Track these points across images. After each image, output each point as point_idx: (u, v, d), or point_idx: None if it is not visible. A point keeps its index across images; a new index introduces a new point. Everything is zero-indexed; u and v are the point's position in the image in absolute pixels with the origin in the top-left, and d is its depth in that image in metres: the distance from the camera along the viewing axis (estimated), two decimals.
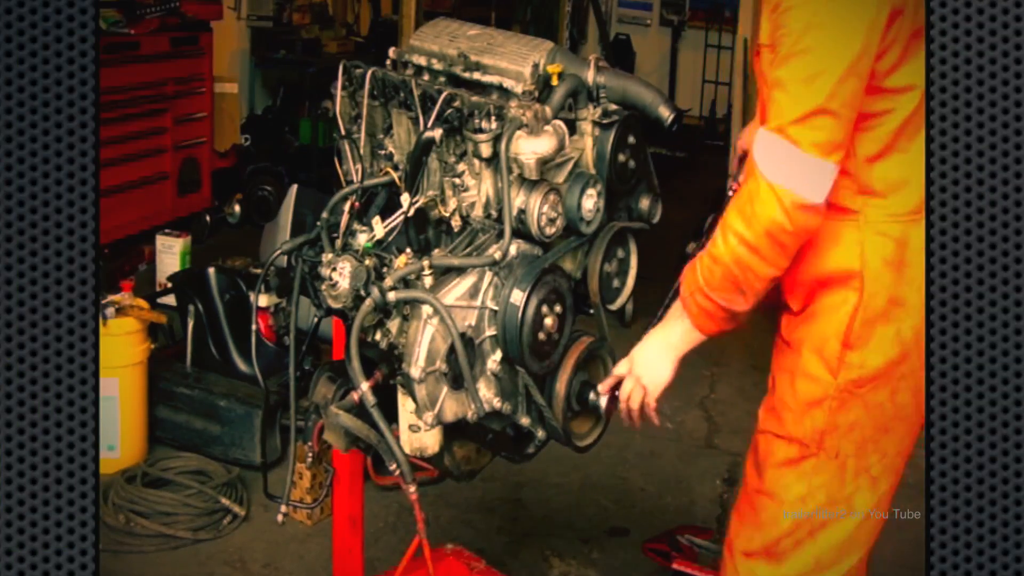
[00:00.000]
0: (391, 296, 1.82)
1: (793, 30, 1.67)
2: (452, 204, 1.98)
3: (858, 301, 1.80)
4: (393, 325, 1.91)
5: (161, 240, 5.03)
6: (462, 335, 1.82)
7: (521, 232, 1.93)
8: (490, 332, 1.89)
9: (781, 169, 1.68)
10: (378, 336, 1.94)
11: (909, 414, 1.86)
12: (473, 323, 1.87)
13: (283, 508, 2.11)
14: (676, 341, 1.89)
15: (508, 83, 1.99)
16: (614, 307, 2.14)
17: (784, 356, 1.91)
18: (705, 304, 1.81)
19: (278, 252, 2.06)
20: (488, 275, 1.88)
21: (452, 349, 1.82)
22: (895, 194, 1.79)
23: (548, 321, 1.90)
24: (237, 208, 6.17)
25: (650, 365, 1.92)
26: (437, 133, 1.94)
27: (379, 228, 1.96)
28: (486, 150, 1.90)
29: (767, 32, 1.78)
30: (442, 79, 2.09)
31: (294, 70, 6.87)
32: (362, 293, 1.88)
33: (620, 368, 1.97)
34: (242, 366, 3.81)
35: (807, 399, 1.85)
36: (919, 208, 1.76)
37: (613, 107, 2.02)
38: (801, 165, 1.68)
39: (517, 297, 1.85)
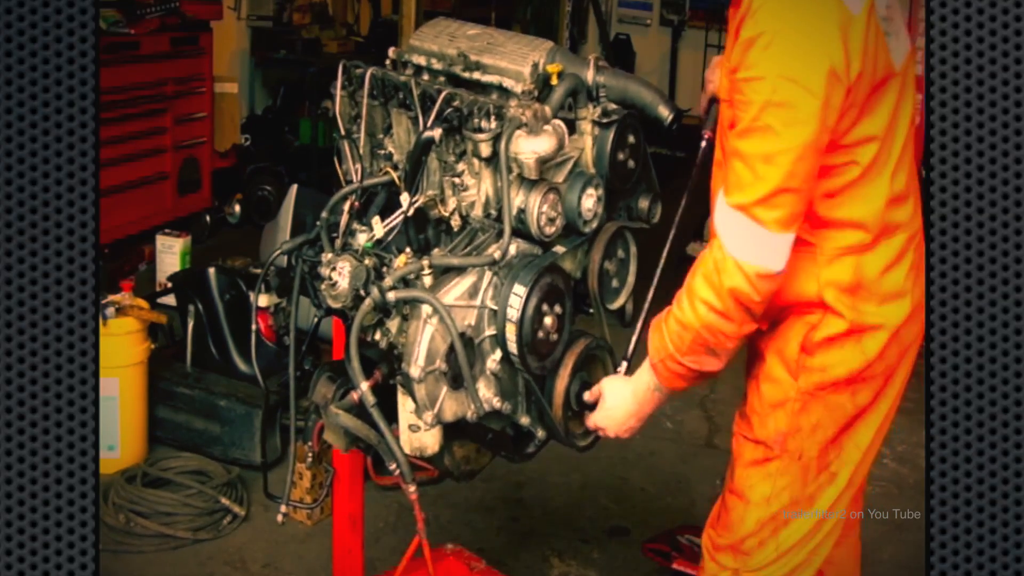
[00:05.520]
0: (391, 296, 1.82)
1: (752, 103, 1.68)
2: (452, 204, 1.98)
3: (820, 318, 1.85)
4: (393, 325, 1.91)
5: (161, 240, 5.02)
6: (462, 335, 1.82)
7: (521, 232, 1.93)
8: (490, 332, 1.89)
9: (746, 246, 1.72)
10: (378, 336, 1.94)
11: (868, 413, 1.91)
12: (473, 323, 1.87)
13: (283, 508, 2.11)
14: (645, 403, 1.93)
15: (508, 83, 1.99)
16: (614, 307, 2.14)
17: (752, 364, 1.97)
18: (676, 368, 1.85)
19: (278, 252, 2.06)
20: (488, 275, 1.88)
21: (452, 349, 1.82)
22: (849, 230, 1.82)
23: (548, 320, 1.90)
24: (237, 208, 6.17)
25: (616, 421, 1.96)
26: (437, 133, 1.94)
27: (379, 228, 1.96)
28: (486, 149, 1.90)
29: (725, 88, 1.81)
30: (442, 79, 2.09)
31: (294, 70, 6.86)
32: (362, 293, 1.88)
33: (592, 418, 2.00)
34: (242, 366, 3.81)
35: (770, 401, 1.91)
36: (862, 240, 1.83)
37: (613, 107, 2.02)
38: (764, 241, 1.71)
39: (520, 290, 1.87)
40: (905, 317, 1.87)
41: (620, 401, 1.94)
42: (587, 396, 2.00)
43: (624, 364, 2.03)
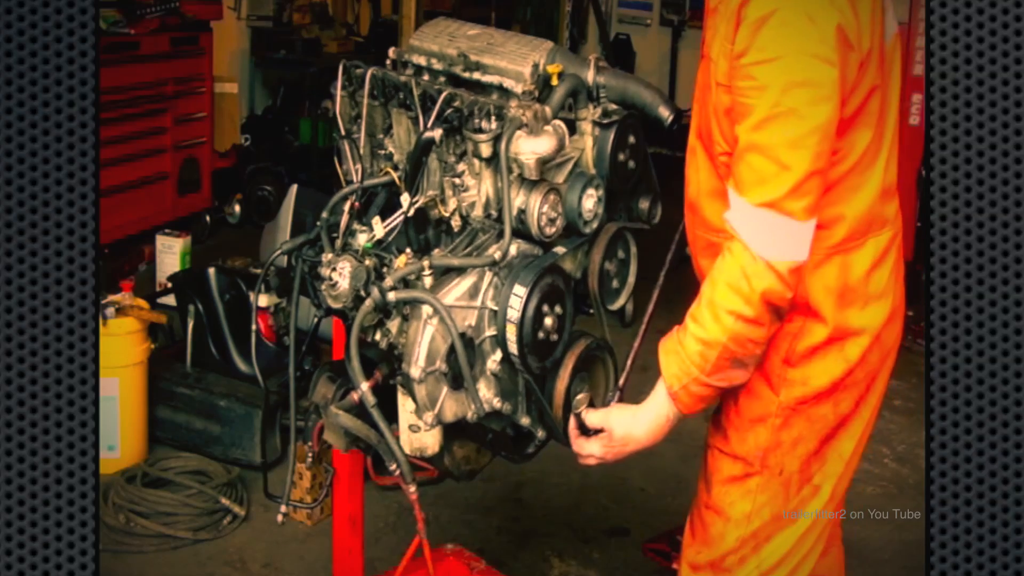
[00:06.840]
0: (391, 296, 1.82)
1: (769, 87, 1.61)
2: (452, 204, 1.98)
3: (801, 326, 1.80)
4: (393, 325, 1.91)
5: (161, 240, 5.03)
6: (462, 335, 1.82)
7: (521, 232, 1.93)
8: (490, 332, 1.89)
9: (777, 244, 1.65)
10: (378, 336, 1.94)
11: (850, 421, 1.86)
12: (473, 323, 1.87)
13: (283, 508, 2.11)
14: (656, 435, 1.85)
15: (508, 83, 1.99)
16: (614, 307, 2.14)
17: None
18: (701, 391, 1.77)
19: (278, 252, 2.06)
20: (488, 275, 1.88)
21: (452, 349, 1.82)
22: (831, 227, 1.77)
23: (548, 321, 1.90)
24: (237, 208, 6.18)
25: (623, 455, 1.89)
26: (437, 133, 1.94)
27: (379, 228, 1.95)
28: (486, 150, 1.90)
29: (723, 72, 1.72)
30: (442, 79, 2.09)
31: (294, 70, 6.87)
32: (362, 293, 1.88)
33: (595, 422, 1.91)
34: (242, 366, 3.81)
35: (750, 416, 1.86)
36: (851, 237, 1.78)
37: (613, 107, 2.01)
38: (794, 234, 1.65)
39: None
40: (885, 319, 1.84)
41: (631, 437, 1.86)
42: (589, 423, 1.92)
43: (617, 394, 1.99)
